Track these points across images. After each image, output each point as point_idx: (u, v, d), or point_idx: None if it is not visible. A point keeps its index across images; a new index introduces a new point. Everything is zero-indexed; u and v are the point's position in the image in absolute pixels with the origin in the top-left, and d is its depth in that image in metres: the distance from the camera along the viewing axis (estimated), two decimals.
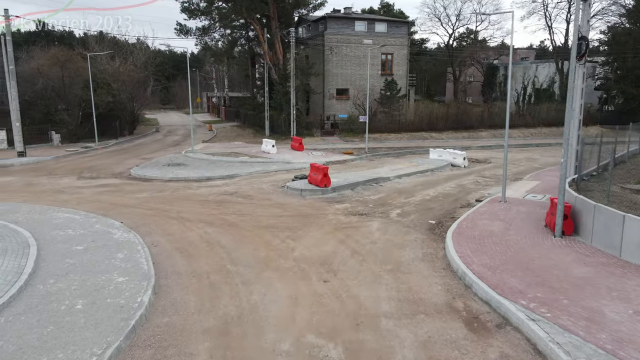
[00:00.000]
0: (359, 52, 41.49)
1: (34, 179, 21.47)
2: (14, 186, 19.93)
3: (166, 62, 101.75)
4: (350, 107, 41.18)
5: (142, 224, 13.91)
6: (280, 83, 37.80)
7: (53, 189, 19.40)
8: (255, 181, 21.18)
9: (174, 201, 17.10)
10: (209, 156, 27.80)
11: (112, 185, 20.14)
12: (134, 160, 27.64)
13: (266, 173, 23.33)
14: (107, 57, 45.65)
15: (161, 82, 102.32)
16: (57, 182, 20.88)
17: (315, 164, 19.12)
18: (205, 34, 39.99)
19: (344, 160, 27.65)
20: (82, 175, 22.65)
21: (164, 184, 20.48)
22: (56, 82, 34.60)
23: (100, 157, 29.14)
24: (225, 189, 19.34)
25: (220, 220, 14.57)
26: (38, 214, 14.09)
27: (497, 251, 11.16)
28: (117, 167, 25.07)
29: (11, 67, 26.35)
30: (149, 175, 21.90)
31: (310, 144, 33.17)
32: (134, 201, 17.06)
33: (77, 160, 27.42)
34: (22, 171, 23.70)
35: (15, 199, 17.25)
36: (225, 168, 24.03)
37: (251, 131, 44.03)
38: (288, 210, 16.01)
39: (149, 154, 30.71)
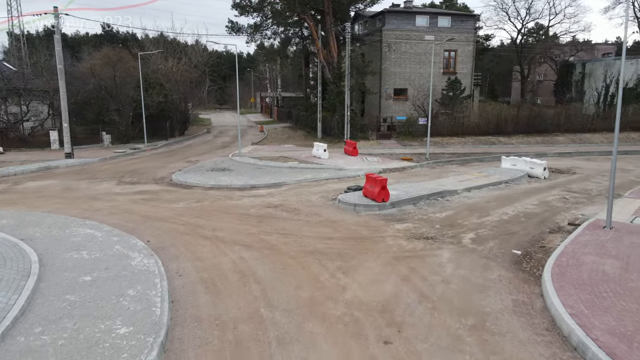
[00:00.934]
0: (419, 49, 38.43)
1: (73, 183, 20.44)
2: (52, 191, 18.90)
3: (222, 63, 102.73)
4: (409, 108, 38.22)
5: (170, 244, 12.02)
6: (334, 82, 35.51)
7: (89, 195, 18.14)
8: (303, 191, 18.97)
9: (212, 215, 15.19)
10: (256, 160, 25.96)
11: (150, 193, 18.63)
12: (179, 163, 26.33)
13: (316, 182, 21.07)
14: (161, 57, 45.36)
15: (217, 82, 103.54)
16: (95, 187, 19.70)
17: (371, 175, 16.60)
18: (257, 32, 38.44)
19: (402, 167, 24.89)
20: (123, 179, 21.42)
21: (205, 193, 18.73)
22: (108, 82, 34.24)
23: (146, 159, 28.13)
24: (269, 201, 17.25)
25: (259, 241, 12.43)
26: (59, 228, 12.57)
27: (624, 308, 8.18)
28: (160, 171, 23.75)
29: (60, 66, 25.80)
30: (190, 182, 20.27)
31: (364, 148, 30.63)
32: (168, 213, 15.33)
33: (122, 163, 26.48)
34: (65, 174, 22.88)
35: (48, 207, 16.06)
36: (272, 175, 22.02)
37: (302, 133, 42.07)
38: (340, 230, 13.62)
39: (195, 156, 29.41)
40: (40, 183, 20.52)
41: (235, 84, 32.23)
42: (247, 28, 38.03)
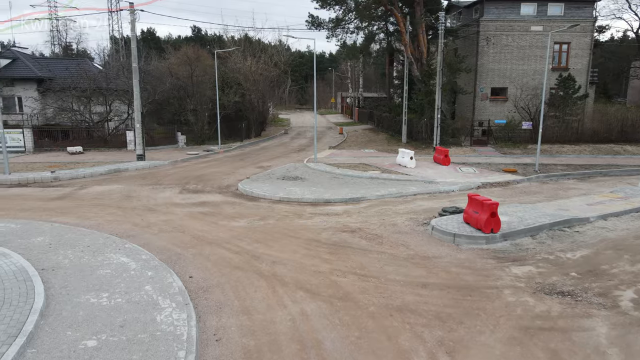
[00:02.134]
0: (523, 41, 33.35)
1: (136, 189, 18.92)
2: (111, 198, 17.42)
3: (304, 63, 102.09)
4: (508, 110, 33.32)
5: (216, 282, 9.44)
6: (422, 81, 31.71)
7: (146, 205, 16.34)
8: (386, 210, 15.72)
9: (275, 239, 12.50)
10: (333, 168, 23.09)
11: (211, 205, 16.44)
12: (249, 168, 24.24)
13: (402, 197, 17.72)
14: (241, 56, 44.28)
15: (298, 82, 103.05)
16: (156, 195, 17.96)
17: (475, 197, 12.94)
18: (338, 26, 35.59)
19: (505, 181, 20.69)
20: (187, 187, 19.58)
21: (271, 207, 16.16)
22: (185, 81, 33.34)
23: (217, 163, 26.43)
24: (345, 222, 14.24)
25: (330, 285, 9.45)
26: (92, 253, 10.51)
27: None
28: (228, 177, 21.72)
29: (134, 64, 24.83)
30: (257, 193, 17.86)
31: (457, 156, 26.59)
32: (224, 234, 12.88)
33: (191, 167, 24.94)
34: (131, 178, 21.61)
35: (99, 218, 14.38)
36: (350, 187, 19.01)
37: (385, 136, 38.64)
38: (436, 272, 10.25)
39: (268, 160, 27.25)
40: (104, 188, 19.27)
41: (319, 84, 29.55)
42: (328, 22, 35.34)
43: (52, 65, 39.10)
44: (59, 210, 15.57)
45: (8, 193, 18.36)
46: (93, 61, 46.20)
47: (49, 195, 17.86)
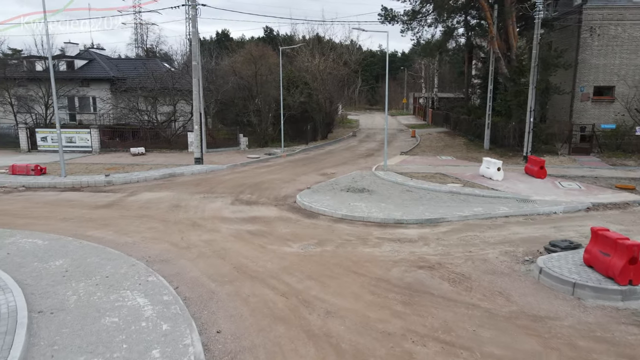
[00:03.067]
0: (636, 31, 28.24)
1: (186, 198, 17.27)
2: (158, 208, 15.84)
3: (375, 62, 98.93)
4: (615, 112, 28.41)
5: (248, 345, 7.07)
6: (511, 79, 27.76)
7: (192, 218, 14.51)
8: (473, 238, 12.66)
9: (333, 274, 9.99)
10: (405, 179, 20.18)
11: (263, 221, 14.26)
12: (312, 175, 21.98)
13: (490, 220, 14.51)
14: (309, 54, 42.37)
15: (369, 82, 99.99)
16: (205, 206, 16.14)
17: (604, 232, 9.56)
18: (414, 19, 32.38)
19: (623, 202, 16.67)
20: (240, 197, 17.63)
21: (331, 227, 13.68)
22: (249, 80, 31.85)
23: (278, 168, 24.44)
24: (422, 252, 11.42)
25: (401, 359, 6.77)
26: (106, 289, 8.59)
27: None
28: (287, 186, 19.56)
29: (194, 62, 23.50)
30: (316, 208, 15.45)
31: (553, 167, 22.59)
32: (271, 264, 10.58)
33: (249, 172, 23.12)
34: (185, 184, 20.12)
35: (138, 234, 12.72)
36: (425, 203, 16.07)
37: (463, 141, 34.88)
38: (555, 347, 7.19)
39: (333, 167, 24.84)
40: (153, 195, 17.83)
41: (390, 84, 26.75)
42: (403, 15, 32.25)
43: (124, 65, 39.48)
44: (100, 221, 14.14)
45: (58, 198, 17.45)
46: (173, 63, 46.31)
47: (97, 202, 16.66)
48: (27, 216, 14.69)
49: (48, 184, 19.29)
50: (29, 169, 20.31)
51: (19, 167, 20.51)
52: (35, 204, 16.49)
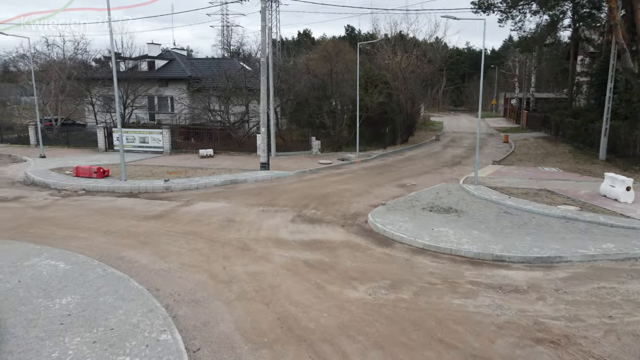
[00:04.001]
0: None
1: (242, 211, 15.24)
2: (209, 223, 13.92)
3: (462, 61, 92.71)
4: None
5: None
6: (638, 75, 22.75)
7: (244, 239, 12.35)
8: (609, 292, 9.13)
9: (411, 343, 7.17)
10: (502, 196, 16.64)
11: (325, 248, 11.72)
12: (388, 187, 19.11)
13: (629, 262, 10.76)
14: (390, 50, 39.29)
15: (454, 81, 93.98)
16: (262, 222, 13.95)
17: None
18: (515, 6, 28.11)
19: None
20: (303, 212, 15.25)
21: (409, 261, 10.79)
22: (324, 79, 29.56)
23: (350, 177, 21.83)
24: (536, 312, 8.20)
25: None
26: (105, 348, 6.49)
27: None
28: (358, 200, 16.88)
29: (262, 59, 21.64)
30: (391, 232, 12.59)
31: None
32: (328, 318, 7.98)
33: (318, 181, 20.74)
34: (245, 193, 18.19)
35: (176, 258, 10.79)
36: (532, 232, 12.58)
37: (568, 149, 29.92)
38: None
39: (413, 176, 21.74)
40: (208, 206, 16.03)
41: (478, 84, 23.07)
42: (501, 3, 28.11)
43: (200, 65, 39.13)
44: (143, 237, 12.45)
45: (111, 205, 16.23)
46: (255, 64, 45.43)
47: (147, 212, 15.15)
48: (71, 227, 13.43)
49: (107, 188, 18.31)
50: (92, 172, 19.56)
51: (82, 169, 19.86)
52: (86, 211, 15.34)
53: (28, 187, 19.20)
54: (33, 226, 13.46)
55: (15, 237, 12.27)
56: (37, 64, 36.24)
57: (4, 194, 17.81)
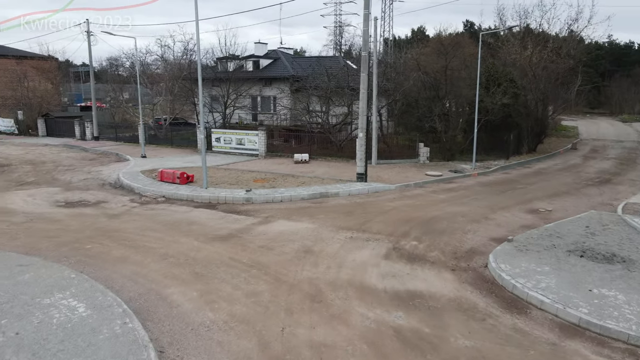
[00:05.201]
0: None
1: (325, 237, 12.40)
2: (283, 251, 11.32)
3: (603, 57, 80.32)
4: None
5: None
6: None
7: (318, 282, 9.49)
8: None
9: None
10: None
11: (425, 308, 8.35)
12: (514, 212, 14.96)
13: None
14: (518, 44, 33.73)
15: (592, 80, 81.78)
16: (346, 257, 10.97)
17: None
18: None
19: None
20: (401, 243, 11.93)
21: (557, 352, 6.99)
22: (437, 77, 25.64)
23: (464, 194, 17.92)
24: None
25: None
26: None
27: None
28: (475, 229, 13.10)
29: (364, 53, 18.60)
30: (524, 291, 8.74)
31: None
32: None
33: (424, 198, 17.18)
34: (334, 211, 15.36)
35: (226, 306, 8.33)
36: None
37: None
38: None
39: (547, 198, 17.15)
40: (288, 226, 13.48)
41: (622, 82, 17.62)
42: None
43: (303, 63, 37.30)
44: (199, 266, 10.22)
45: (184, 217, 14.48)
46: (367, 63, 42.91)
47: (218, 230, 13.04)
48: (131, 244, 11.74)
49: (186, 196, 16.77)
50: (175, 177, 18.27)
51: (166, 173, 18.69)
52: (155, 224, 13.72)
53: (114, 191, 18.49)
54: (93, 240, 12.04)
55: (66, 255, 10.83)
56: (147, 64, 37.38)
57: (88, 198, 17.15)
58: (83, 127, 37.07)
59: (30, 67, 45.25)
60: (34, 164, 25.24)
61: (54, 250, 11.21)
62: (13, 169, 23.77)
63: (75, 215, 14.69)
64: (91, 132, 36.54)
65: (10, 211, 15.07)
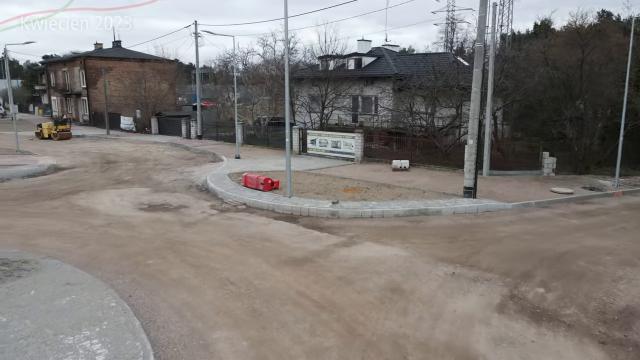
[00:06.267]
0: None
1: (419, 270, 9.90)
2: (364, 289, 9.09)
3: None
4: None
5: None
6: None
7: (404, 343, 7.11)
8: None
9: None
10: None
11: None
12: None
13: None
14: None
15: None
16: (445, 304, 8.40)
17: None
18: None
19: None
20: (521, 289, 8.99)
21: None
22: (569, 73, 21.32)
23: (607, 221, 14.08)
24: None
25: None
26: None
27: None
28: (630, 276, 9.65)
29: (478, 44, 15.52)
30: None
31: None
32: None
33: (550, 223, 13.71)
34: (434, 234, 12.71)
35: None
36: None
37: None
38: None
39: None
40: (375, 251, 11.21)
41: None
42: None
43: (408, 61, 34.40)
44: (259, 301, 8.42)
45: (260, 231, 12.93)
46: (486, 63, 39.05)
47: (293, 251, 11.21)
48: (193, 262, 10.38)
49: (267, 205, 15.27)
50: (259, 182, 16.93)
51: (250, 178, 17.44)
52: (227, 237, 12.32)
53: (199, 194, 17.71)
54: (158, 254, 10.93)
55: (124, 271, 9.75)
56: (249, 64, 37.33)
57: (172, 201, 16.48)
58: (188, 126, 38.21)
59: (150, 69, 48.36)
60: (137, 162, 25.95)
61: (115, 263, 10.23)
62: (117, 166, 24.56)
63: (152, 221, 13.91)
64: (195, 132, 37.49)
65: (94, 212, 14.81)
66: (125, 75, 49.12)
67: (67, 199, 16.65)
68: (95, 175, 21.66)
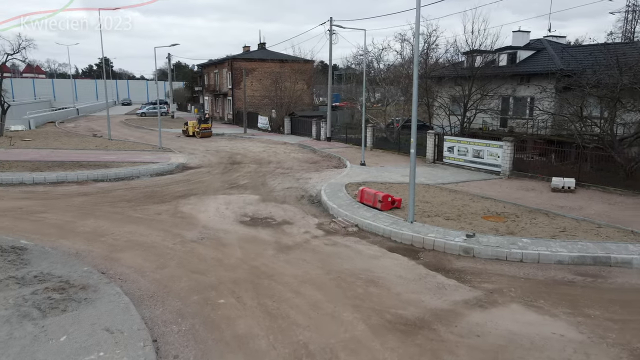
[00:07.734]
0: None
1: None
2: None
3: None
4: None
5: None
6: None
7: None
8: None
9: None
10: None
11: None
12: None
13: None
14: None
15: None
16: None
17: None
18: None
19: None
20: None
21: None
22: None
23: None
24: None
25: None
26: None
27: None
28: None
29: None
30: None
31: None
32: None
33: None
34: (624, 296, 8.50)
35: None
36: None
37: None
38: None
39: None
40: (525, 324, 7.58)
41: None
42: None
43: (579, 54, 28.05)
44: None
45: (366, 268, 10.09)
46: None
47: (404, 306, 8.19)
48: (271, 309, 8.04)
49: (382, 230, 12.35)
50: (376, 200, 14.07)
51: (367, 193, 14.65)
52: (324, 273, 9.75)
53: (308, 207, 15.54)
54: (235, 288, 8.86)
55: (186, 313, 7.81)
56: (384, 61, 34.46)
57: (277, 215, 14.54)
58: (318, 127, 36.94)
59: (289, 69, 48.69)
60: (259, 164, 25.09)
61: (182, 298, 8.39)
62: (239, 167, 23.90)
63: (246, 240, 12.03)
64: (325, 133, 36.04)
65: (193, 222, 13.55)
66: (266, 75, 50.24)
67: (176, 203, 15.85)
68: (214, 177, 21.05)
